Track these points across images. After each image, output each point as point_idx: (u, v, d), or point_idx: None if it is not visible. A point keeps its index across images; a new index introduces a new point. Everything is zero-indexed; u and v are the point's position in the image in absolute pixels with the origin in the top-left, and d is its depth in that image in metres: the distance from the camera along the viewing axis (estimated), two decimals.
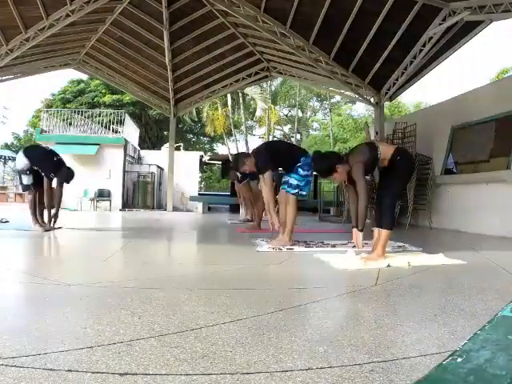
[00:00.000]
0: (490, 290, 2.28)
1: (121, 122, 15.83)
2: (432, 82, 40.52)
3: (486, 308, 1.90)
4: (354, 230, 3.25)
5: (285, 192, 4.14)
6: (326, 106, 28.44)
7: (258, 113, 22.78)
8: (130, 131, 16.86)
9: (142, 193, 15.18)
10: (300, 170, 4.04)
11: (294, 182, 4.04)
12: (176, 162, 13.14)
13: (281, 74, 11.81)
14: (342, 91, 10.76)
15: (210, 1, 8.84)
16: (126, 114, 16.67)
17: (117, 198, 14.25)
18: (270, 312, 1.77)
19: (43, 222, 5.37)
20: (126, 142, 14.98)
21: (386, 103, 12.64)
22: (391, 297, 2.13)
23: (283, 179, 4.28)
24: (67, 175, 5.37)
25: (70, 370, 1.14)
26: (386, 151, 3.23)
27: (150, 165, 16.07)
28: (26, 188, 5.27)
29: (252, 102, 24.00)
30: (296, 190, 4.04)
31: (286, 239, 3.97)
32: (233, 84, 12.16)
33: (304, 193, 4.13)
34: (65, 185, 5.38)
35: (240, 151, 18.21)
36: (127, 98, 23.49)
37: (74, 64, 11.63)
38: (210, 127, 21.74)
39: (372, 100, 9.93)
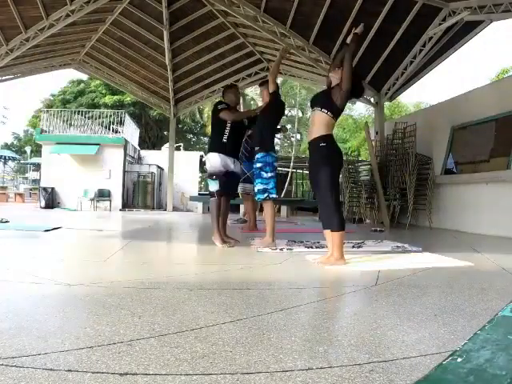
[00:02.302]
0: (490, 290, 2.28)
1: (121, 122, 15.82)
2: (432, 82, 40.58)
3: (485, 308, 1.90)
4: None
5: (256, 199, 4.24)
6: None
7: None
8: (130, 131, 16.85)
9: (142, 193, 15.18)
10: (263, 173, 4.01)
11: (260, 187, 4.03)
12: (176, 162, 13.15)
13: (281, 73, 11.79)
14: None
15: (210, 1, 8.85)
16: (126, 114, 16.66)
17: (117, 198, 14.23)
18: (269, 312, 1.77)
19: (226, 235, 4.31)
20: (126, 141, 14.97)
21: (386, 103, 12.64)
22: (391, 297, 2.13)
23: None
24: None
25: (70, 370, 1.14)
26: None
27: (149, 165, 16.06)
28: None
29: (252, 102, 23.98)
30: (265, 194, 4.02)
31: (269, 240, 4.02)
32: None
33: (273, 195, 4.03)
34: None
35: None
36: (128, 98, 23.45)
37: (74, 64, 11.64)
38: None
39: (372, 100, 9.93)
